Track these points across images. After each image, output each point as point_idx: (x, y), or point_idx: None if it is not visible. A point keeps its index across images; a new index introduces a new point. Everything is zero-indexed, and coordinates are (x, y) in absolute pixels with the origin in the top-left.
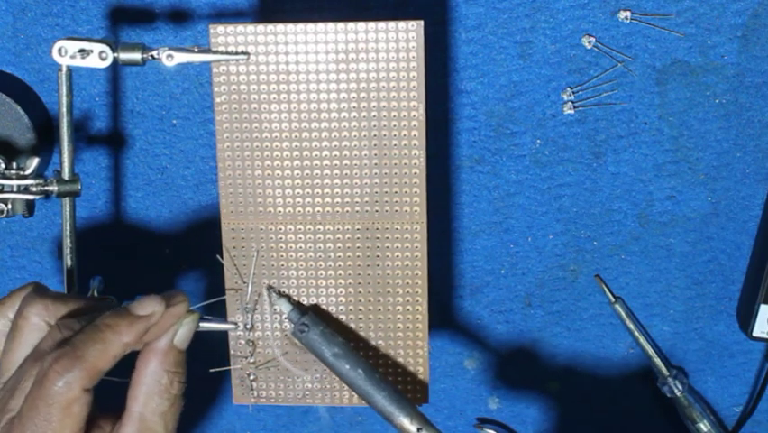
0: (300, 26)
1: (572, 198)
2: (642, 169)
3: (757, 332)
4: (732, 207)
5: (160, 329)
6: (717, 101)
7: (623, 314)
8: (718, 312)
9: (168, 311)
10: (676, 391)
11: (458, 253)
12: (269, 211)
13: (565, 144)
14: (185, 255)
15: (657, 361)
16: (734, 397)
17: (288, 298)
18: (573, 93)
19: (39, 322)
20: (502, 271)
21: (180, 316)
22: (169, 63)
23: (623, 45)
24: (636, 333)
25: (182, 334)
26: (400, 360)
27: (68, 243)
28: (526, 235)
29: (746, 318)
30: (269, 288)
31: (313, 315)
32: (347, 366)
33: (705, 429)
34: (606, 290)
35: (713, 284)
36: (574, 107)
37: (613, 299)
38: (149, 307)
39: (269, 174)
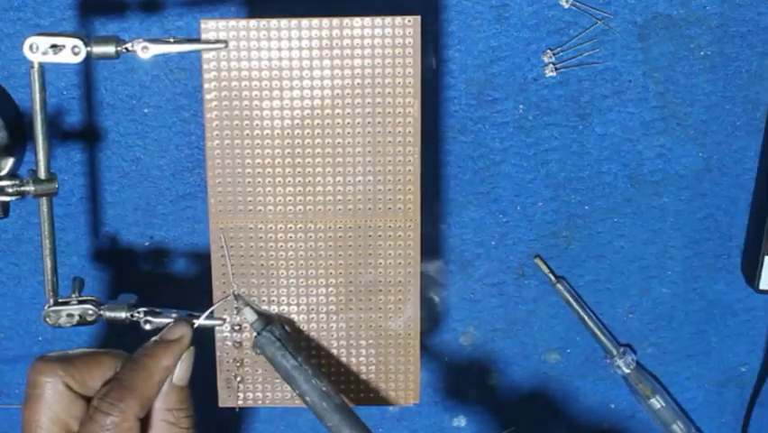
0: (294, 21)
1: (560, 162)
2: (629, 128)
3: (764, 285)
4: (725, 160)
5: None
6: (702, 53)
7: (566, 295)
8: (718, 270)
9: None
10: (625, 368)
11: (446, 227)
12: (260, 210)
13: (549, 108)
14: (166, 248)
15: (605, 340)
16: (739, 356)
17: (255, 308)
18: (554, 55)
19: (55, 386)
20: (492, 243)
21: (180, 353)
22: (144, 56)
23: (602, 2)
24: (581, 313)
25: (180, 372)
26: (391, 359)
27: (46, 243)
28: (515, 204)
29: (752, 272)
30: (237, 295)
31: (278, 326)
32: (303, 381)
33: (658, 405)
34: (547, 271)
35: (710, 241)
36: (556, 69)
37: (554, 280)
38: (177, 331)
39: (259, 172)
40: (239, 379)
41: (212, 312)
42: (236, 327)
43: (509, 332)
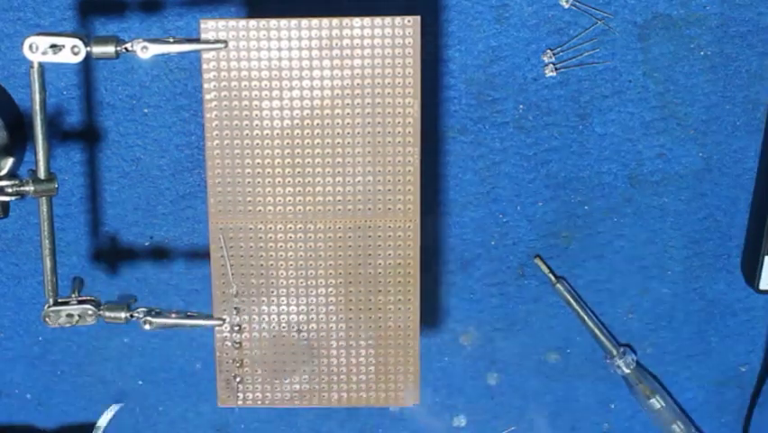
0: (294, 21)
1: (560, 162)
2: (629, 128)
3: (764, 285)
4: (724, 160)
5: None
6: (702, 53)
7: (566, 295)
8: (718, 270)
9: None
10: (625, 368)
11: (446, 227)
12: (260, 210)
13: (549, 108)
14: (166, 248)
15: (605, 340)
16: (739, 356)
17: None
18: (554, 55)
19: None
20: (492, 243)
21: None
22: (144, 56)
23: (602, 2)
24: (581, 313)
25: None
26: (391, 359)
27: (46, 243)
28: (515, 204)
29: (752, 272)
30: None
31: None
32: None
33: (658, 405)
34: (547, 271)
35: (710, 241)
36: (556, 69)
37: (554, 280)
38: None
39: (259, 172)
40: (239, 379)
41: (211, 312)
42: (236, 328)
43: (509, 332)
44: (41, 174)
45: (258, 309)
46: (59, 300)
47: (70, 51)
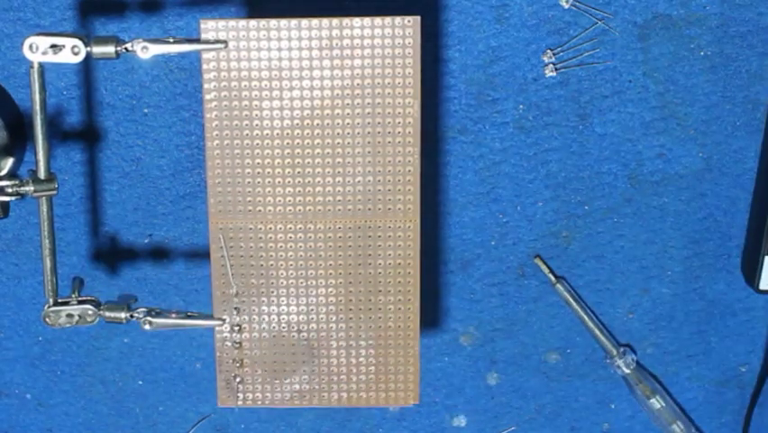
0: (294, 21)
1: (560, 162)
2: (629, 128)
3: (764, 285)
4: (724, 160)
5: None
6: (702, 53)
7: (566, 295)
8: (718, 270)
9: None
10: (625, 368)
11: (446, 227)
12: (260, 210)
13: (549, 108)
14: (166, 248)
15: (605, 340)
16: (739, 356)
17: None
18: (554, 55)
19: None
20: (492, 243)
21: None
22: (144, 56)
23: (602, 2)
24: (581, 313)
25: None
26: (391, 359)
27: (46, 244)
28: (515, 204)
29: (752, 272)
30: None
31: None
32: None
33: (658, 405)
34: (547, 271)
35: (711, 242)
36: (556, 69)
37: (554, 280)
38: None
39: (259, 172)
40: (239, 379)
41: (211, 312)
42: (236, 328)
43: (509, 332)
44: (41, 174)
45: (258, 309)
46: (59, 300)
47: (70, 51)
